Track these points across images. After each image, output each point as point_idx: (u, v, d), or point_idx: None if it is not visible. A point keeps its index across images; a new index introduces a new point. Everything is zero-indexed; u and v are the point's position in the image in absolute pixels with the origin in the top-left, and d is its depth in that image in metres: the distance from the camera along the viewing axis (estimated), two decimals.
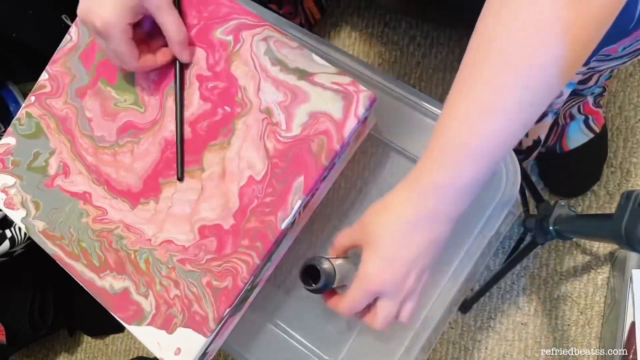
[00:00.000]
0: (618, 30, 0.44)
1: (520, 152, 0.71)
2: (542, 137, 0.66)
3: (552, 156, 0.75)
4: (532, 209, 0.77)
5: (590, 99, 0.69)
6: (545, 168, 0.78)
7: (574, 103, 0.68)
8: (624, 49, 0.47)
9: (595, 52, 0.48)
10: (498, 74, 0.32)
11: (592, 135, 0.72)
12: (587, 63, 0.50)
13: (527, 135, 0.68)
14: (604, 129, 0.74)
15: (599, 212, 0.78)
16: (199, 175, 0.48)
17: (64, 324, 1.02)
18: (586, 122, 0.71)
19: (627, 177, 0.77)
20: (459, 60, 0.88)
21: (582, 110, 0.70)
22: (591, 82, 0.61)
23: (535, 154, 0.69)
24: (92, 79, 0.53)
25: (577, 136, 0.72)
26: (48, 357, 1.07)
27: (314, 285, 0.43)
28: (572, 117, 0.70)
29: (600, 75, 0.59)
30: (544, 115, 0.62)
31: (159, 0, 0.43)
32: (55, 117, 0.54)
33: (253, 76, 0.47)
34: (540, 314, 0.79)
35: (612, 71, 0.58)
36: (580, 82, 0.61)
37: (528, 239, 0.76)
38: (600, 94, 0.70)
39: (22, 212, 0.54)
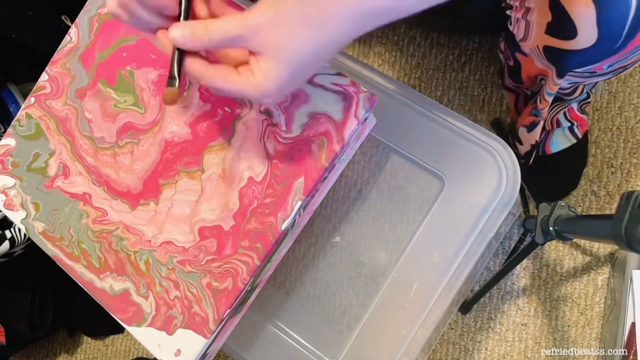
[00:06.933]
0: (605, 49, 0.44)
1: (519, 157, 0.71)
2: (539, 140, 0.66)
3: (535, 156, 0.75)
4: (532, 210, 0.77)
5: (575, 105, 0.69)
6: (524, 171, 0.77)
7: (559, 109, 0.68)
8: (610, 66, 0.47)
9: (575, 66, 0.47)
10: None
11: (574, 141, 0.72)
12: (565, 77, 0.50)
13: (522, 143, 0.68)
14: (586, 135, 0.74)
15: (599, 213, 0.78)
16: (198, 176, 0.48)
17: (63, 324, 1.02)
18: (571, 128, 0.71)
19: (627, 177, 0.77)
20: (458, 60, 0.88)
21: (568, 117, 0.70)
22: (576, 93, 0.62)
23: (532, 157, 0.70)
24: (92, 80, 0.53)
25: (560, 140, 0.73)
26: (47, 357, 1.07)
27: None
28: (558, 124, 0.71)
29: (585, 86, 0.59)
30: (534, 125, 0.62)
31: None
32: (55, 118, 0.54)
33: None
34: (541, 314, 0.79)
35: (596, 83, 0.58)
36: (566, 94, 0.62)
37: (528, 239, 0.76)
38: (585, 100, 0.70)
39: (22, 213, 0.54)
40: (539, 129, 0.63)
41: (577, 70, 0.48)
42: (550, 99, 0.55)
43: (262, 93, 0.36)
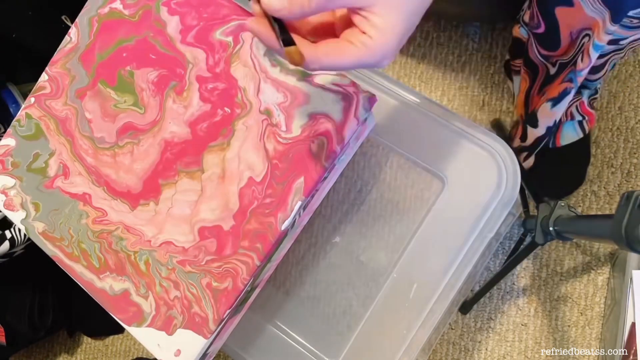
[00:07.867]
0: None
1: (525, 148, 0.71)
2: (557, 121, 0.63)
3: (541, 153, 0.74)
4: (532, 210, 0.77)
5: (585, 99, 0.69)
6: (532, 167, 0.77)
7: (573, 102, 0.69)
8: None
9: (634, 5, 0.44)
10: None
11: (581, 135, 0.73)
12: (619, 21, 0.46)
13: (537, 125, 0.65)
14: (590, 132, 0.74)
15: (599, 213, 0.78)
16: (198, 176, 0.48)
17: (63, 325, 1.02)
18: (581, 122, 0.72)
19: (627, 177, 0.77)
20: (458, 60, 0.88)
21: (579, 110, 0.70)
22: (602, 71, 0.60)
23: (542, 144, 0.69)
24: (92, 80, 0.53)
25: (570, 133, 0.73)
26: (48, 358, 1.07)
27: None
28: (572, 117, 0.71)
29: (618, 58, 0.57)
30: (564, 94, 0.58)
31: None
32: (55, 118, 0.54)
33: (253, 77, 0.47)
34: (541, 314, 0.79)
35: (622, 57, 0.57)
36: (594, 70, 0.60)
37: (528, 239, 0.76)
38: (594, 95, 0.70)
39: (21, 214, 0.54)
40: (567, 100, 0.59)
41: (633, 11, 0.45)
42: (595, 56, 0.52)
43: (382, 55, 0.31)
